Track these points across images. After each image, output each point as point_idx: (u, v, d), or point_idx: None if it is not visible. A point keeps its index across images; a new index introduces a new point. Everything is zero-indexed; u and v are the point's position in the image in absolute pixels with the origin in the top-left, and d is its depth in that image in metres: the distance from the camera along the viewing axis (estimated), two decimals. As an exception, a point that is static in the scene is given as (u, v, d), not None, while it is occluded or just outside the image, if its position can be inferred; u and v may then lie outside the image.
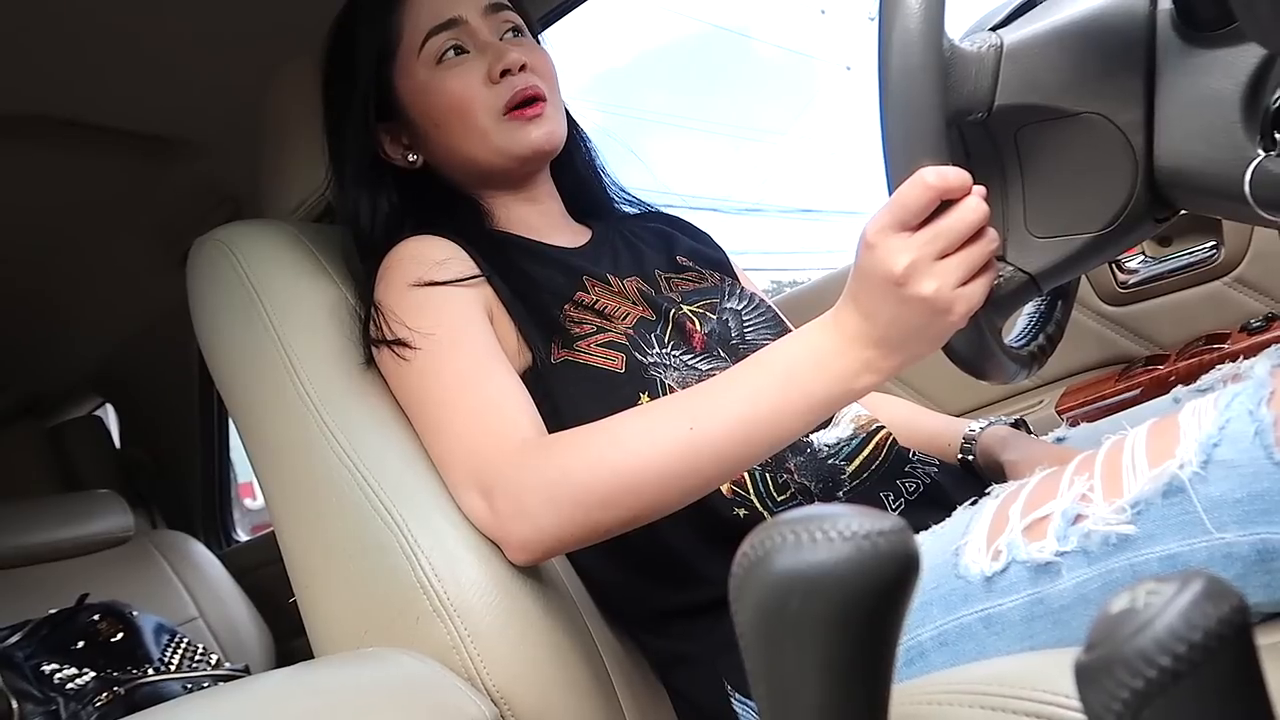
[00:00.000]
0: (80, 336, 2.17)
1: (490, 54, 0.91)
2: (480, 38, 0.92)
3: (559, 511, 0.71)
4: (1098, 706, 0.23)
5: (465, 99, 0.90)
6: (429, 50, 0.91)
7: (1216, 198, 0.59)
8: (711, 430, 0.69)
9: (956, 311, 0.62)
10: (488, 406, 0.77)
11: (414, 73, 0.93)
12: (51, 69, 1.24)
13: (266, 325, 0.87)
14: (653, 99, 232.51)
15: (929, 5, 0.59)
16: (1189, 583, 0.22)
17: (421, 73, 0.92)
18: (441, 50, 0.91)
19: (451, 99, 0.91)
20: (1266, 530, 0.50)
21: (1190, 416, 0.55)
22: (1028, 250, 0.67)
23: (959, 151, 0.69)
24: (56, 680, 1.58)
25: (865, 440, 0.88)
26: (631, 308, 0.89)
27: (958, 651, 0.63)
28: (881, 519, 0.26)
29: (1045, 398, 1.40)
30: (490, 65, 0.90)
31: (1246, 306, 1.26)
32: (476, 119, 0.91)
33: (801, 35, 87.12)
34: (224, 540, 2.40)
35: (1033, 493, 0.62)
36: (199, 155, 1.53)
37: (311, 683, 0.68)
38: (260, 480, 0.88)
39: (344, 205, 0.95)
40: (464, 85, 0.90)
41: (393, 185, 0.95)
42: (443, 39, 0.91)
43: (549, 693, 0.75)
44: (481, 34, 0.92)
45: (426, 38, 0.91)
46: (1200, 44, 0.59)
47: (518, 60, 0.90)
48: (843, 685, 0.26)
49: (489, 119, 0.90)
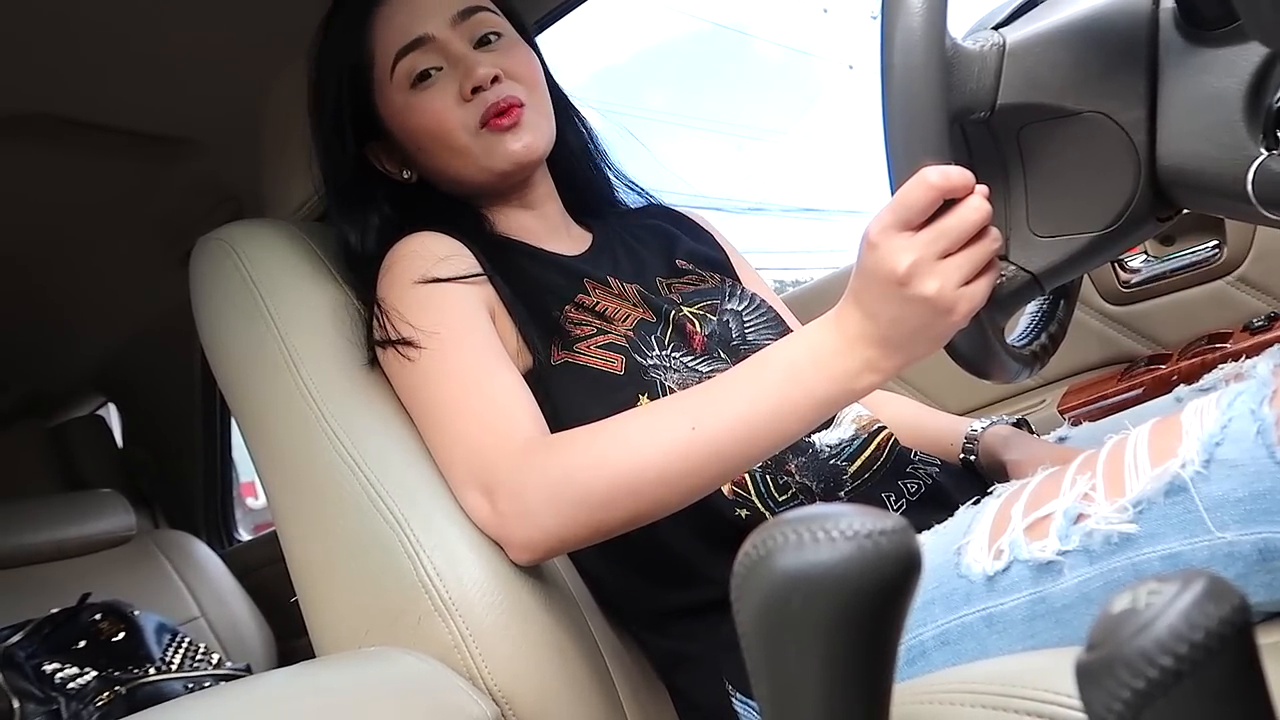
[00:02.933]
0: (83, 336, 2.18)
1: (461, 70, 0.89)
2: (451, 51, 0.90)
3: (561, 511, 0.71)
4: (1099, 706, 0.23)
5: (441, 120, 0.89)
6: (400, 72, 0.90)
7: (1219, 197, 0.59)
8: (713, 430, 0.68)
9: (959, 311, 0.62)
10: (490, 406, 0.77)
11: (391, 97, 0.92)
12: (54, 68, 1.25)
13: (269, 324, 0.87)
14: (653, 97, 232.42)
15: (931, 4, 0.59)
16: (1190, 582, 0.22)
17: (398, 97, 0.91)
18: (412, 73, 0.90)
19: (428, 122, 0.90)
20: (1268, 530, 0.50)
21: (1192, 416, 0.55)
22: (1030, 249, 0.67)
23: (961, 151, 0.69)
24: (58, 680, 1.58)
25: (867, 441, 0.88)
26: (631, 310, 0.89)
27: (959, 651, 0.63)
28: (883, 518, 0.26)
29: (1047, 397, 1.40)
30: (461, 83, 0.89)
31: (1249, 306, 1.26)
32: (455, 138, 0.89)
33: (802, 33, 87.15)
34: (226, 540, 2.40)
35: (1035, 492, 0.62)
36: (201, 154, 1.53)
37: (313, 682, 0.68)
38: (262, 479, 0.88)
39: (334, 219, 0.95)
40: (439, 106, 0.89)
41: (384, 199, 0.95)
42: (412, 60, 0.90)
43: (550, 692, 0.75)
44: (452, 47, 0.90)
45: (396, 60, 0.90)
46: (1203, 43, 0.59)
47: (487, 75, 0.88)
48: (844, 685, 0.26)
49: (467, 136, 0.89)
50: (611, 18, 30.48)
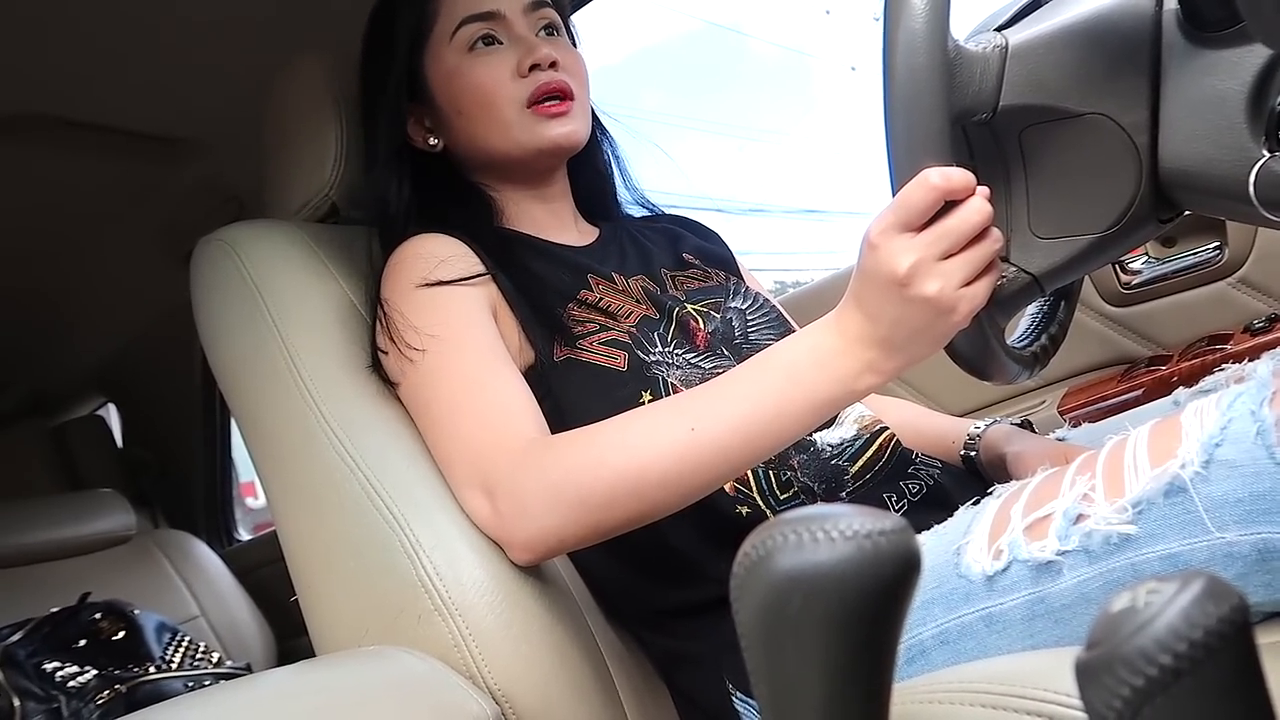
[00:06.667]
0: (83, 336, 2.18)
1: (522, 47, 0.91)
2: (515, 31, 0.93)
3: (561, 512, 0.71)
4: (1099, 705, 0.23)
5: (491, 89, 0.91)
6: (461, 37, 0.92)
7: (1221, 199, 0.59)
8: (713, 431, 0.69)
9: (960, 312, 0.62)
10: (492, 407, 0.77)
11: (444, 57, 0.93)
12: (55, 69, 1.25)
13: (269, 325, 0.87)
14: (650, 98, 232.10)
15: (934, 6, 0.59)
16: (1190, 582, 0.22)
17: (451, 58, 0.93)
18: (473, 38, 0.92)
19: (477, 87, 0.91)
20: (1267, 530, 0.50)
21: (1192, 416, 0.55)
22: (1031, 251, 0.67)
23: (963, 152, 0.69)
24: (58, 678, 1.58)
25: (869, 441, 0.88)
26: (635, 306, 0.89)
27: (959, 650, 0.63)
28: (883, 519, 0.26)
29: (1047, 398, 1.40)
30: (520, 58, 0.91)
31: (1250, 307, 1.26)
32: (500, 110, 0.91)
33: (800, 33, 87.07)
34: (226, 539, 2.40)
35: (1034, 492, 0.62)
36: (202, 155, 1.53)
37: (313, 681, 0.68)
38: (262, 479, 0.88)
39: (372, 186, 0.95)
40: (491, 75, 0.91)
41: (409, 172, 0.95)
42: (476, 28, 0.92)
43: (550, 691, 0.75)
44: (517, 28, 0.93)
45: (460, 25, 0.92)
46: (1205, 44, 0.59)
47: (549, 56, 0.90)
48: (844, 684, 0.26)
49: (512, 110, 0.91)
50: (605, 18, 30.31)
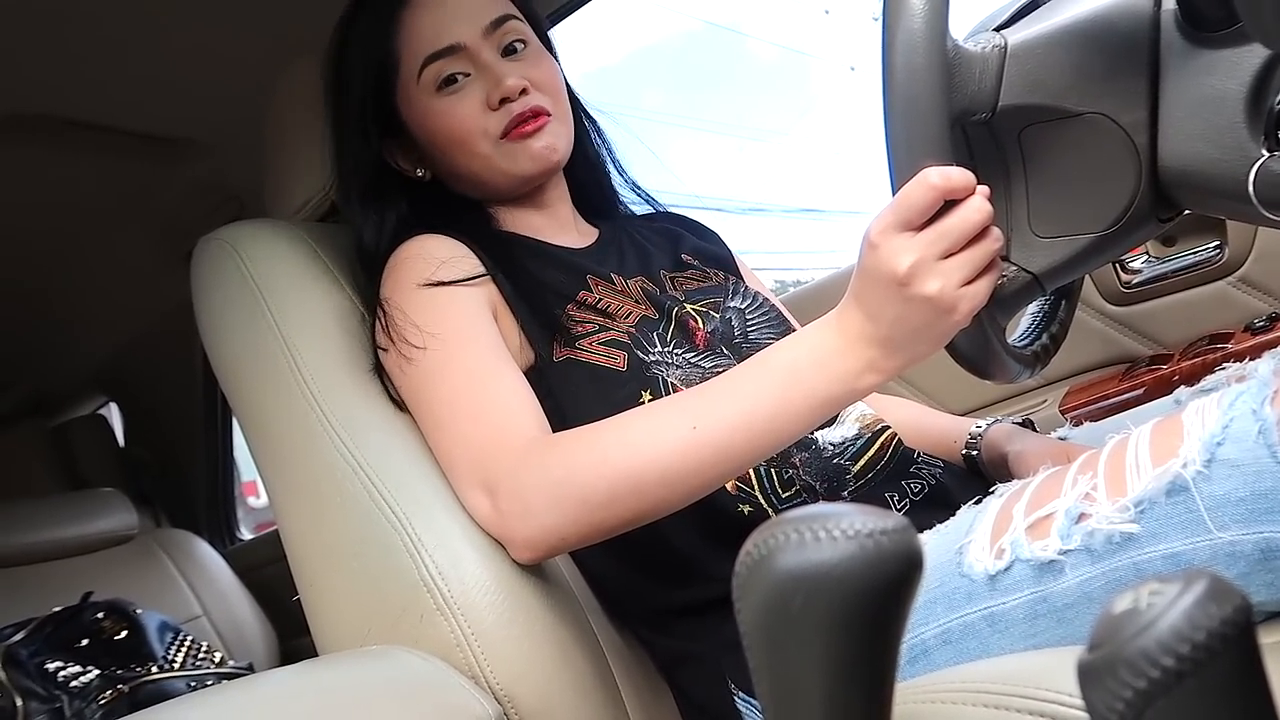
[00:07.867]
0: (84, 336, 2.18)
1: (489, 78, 0.89)
2: (480, 60, 0.90)
3: (563, 510, 0.71)
4: (1101, 706, 0.23)
5: (465, 127, 0.89)
6: (428, 77, 0.90)
7: (1220, 198, 0.59)
8: (714, 430, 0.69)
9: (960, 311, 0.62)
10: (493, 406, 0.77)
11: (415, 99, 0.92)
12: (56, 69, 1.25)
13: (270, 324, 0.87)
14: (649, 98, 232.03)
15: (933, 6, 0.59)
16: (1192, 582, 0.22)
17: (421, 99, 0.91)
18: (439, 78, 0.90)
19: (451, 127, 0.90)
20: (1270, 529, 0.50)
21: (1194, 416, 0.55)
22: (1031, 250, 0.67)
23: (963, 152, 0.69)
24: (61, 678, 1.58)
25: (871, 440, 0.88)
26: (634, 306, 0.89)
27: (961, 650, 0.63)
28: (885, 518, 0.26)
29: (1048, 397, 1.40)
30: (489, 92, 0.89)
31: (1250, 306, 1.26)
32: (477, 145, 0.90)
33: (799, 33, 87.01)
34: (228, 538, 2.40)
35: (1036, 491, 0.62)
36: (203, 155, 1.53)
37: (315, 681, 0.68)
38: (264, 478, 0.88)
39: (351, 216, 0.94)
40: (463, 113, 0.89)
41: (401, 195, 0.95)
42: (440, 65, 0.90)
43: (552, 691, 0.75)
44: (481, 55, 0.90)
45: (425, 64, 0.90)
46: (1204, 44, 0.59)
47: (516, 86, 0.88)
48: (846, 683, 0.26)
49: (488, 145, 0.90)
50: (604, 18, 30.24)
